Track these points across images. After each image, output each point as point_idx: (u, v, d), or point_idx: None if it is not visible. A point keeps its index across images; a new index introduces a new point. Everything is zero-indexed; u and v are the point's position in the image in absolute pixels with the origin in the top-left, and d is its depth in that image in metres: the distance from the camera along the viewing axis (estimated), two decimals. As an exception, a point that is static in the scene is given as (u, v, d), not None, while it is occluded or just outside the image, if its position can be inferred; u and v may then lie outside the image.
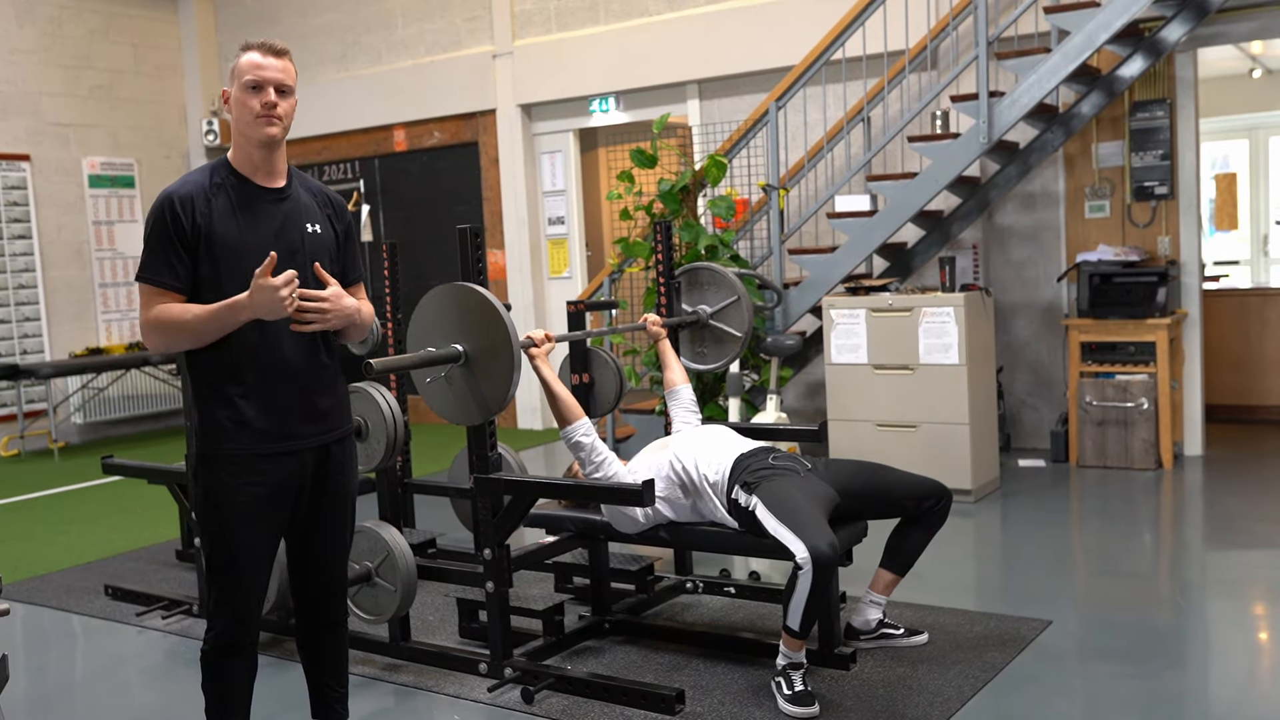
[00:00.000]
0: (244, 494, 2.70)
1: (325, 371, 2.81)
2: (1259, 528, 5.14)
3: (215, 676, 2.81)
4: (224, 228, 2.66)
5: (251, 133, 2.69)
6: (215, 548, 2.74)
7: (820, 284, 6.36)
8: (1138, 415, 6.24)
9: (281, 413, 2.71)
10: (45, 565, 5.57)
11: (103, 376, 9.51)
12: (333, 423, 2.83)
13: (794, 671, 3.37)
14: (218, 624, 2.77)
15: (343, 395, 2.90)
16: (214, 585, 2.77)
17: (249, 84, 2.67)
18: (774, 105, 6.57)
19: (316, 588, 2.94)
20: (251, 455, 2.69)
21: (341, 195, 3.46)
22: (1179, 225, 6.61)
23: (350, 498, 2.93)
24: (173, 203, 2.64)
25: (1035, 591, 4.41)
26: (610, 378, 4.39)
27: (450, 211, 9.33)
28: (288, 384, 2.72)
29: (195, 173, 2.74)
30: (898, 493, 3.68)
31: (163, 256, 2.63)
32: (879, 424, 5.94)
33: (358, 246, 2.96)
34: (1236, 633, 4.00)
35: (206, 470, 2.73)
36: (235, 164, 2.74)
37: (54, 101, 9.51)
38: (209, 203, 2.66)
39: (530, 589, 4.52)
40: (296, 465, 2.75)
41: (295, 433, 2.74)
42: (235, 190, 2.70)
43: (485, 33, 9.01)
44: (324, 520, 2.87)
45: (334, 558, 2.94)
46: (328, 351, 2.83)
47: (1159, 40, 6.27)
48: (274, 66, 2.69)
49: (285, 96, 2.72)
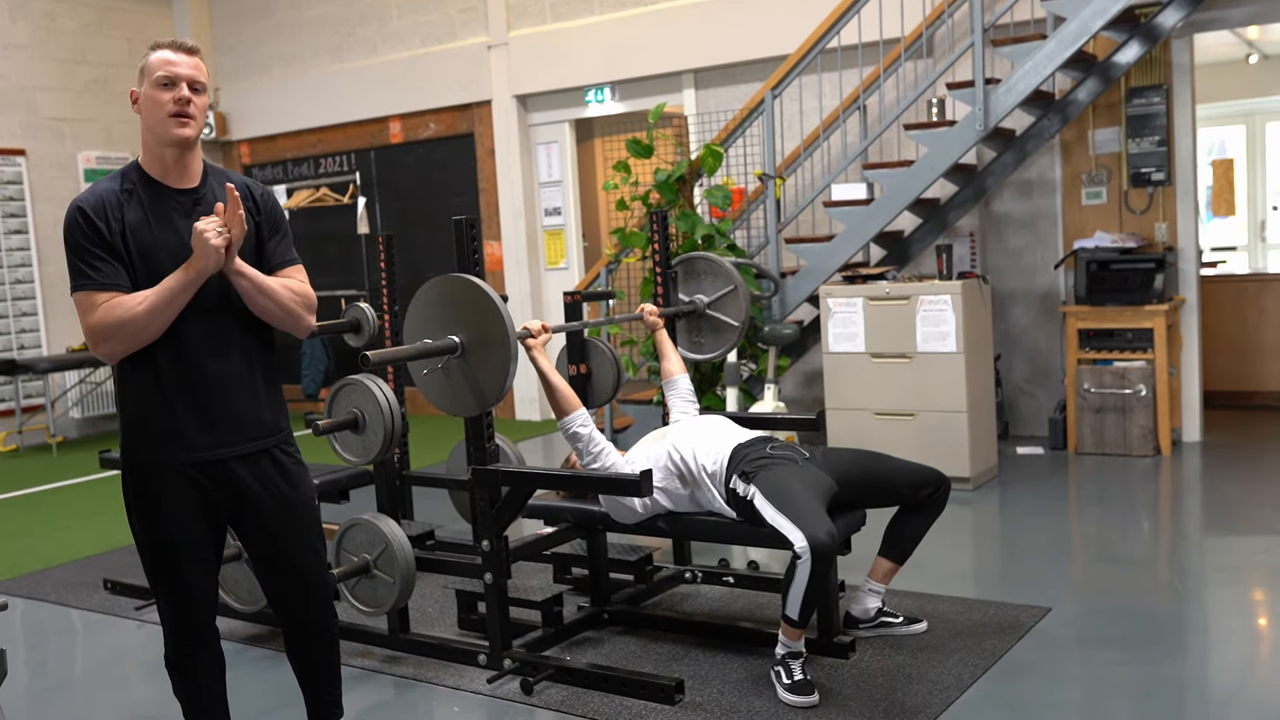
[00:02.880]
0: (173, 500, 2.64)
1: (252, 379, 2.72)
2: (1257, 513, 5.15)
3: (184, 680, 2.79)
4: (138, 233, 2.59)
5: (163, 132, 2.60)
6: (154, 556, 2.69)
7: (817, 273, 6.35)
8: (1136, 402, 6.24)
9: (209, 423, 2.64)
10: (44, 560, 5.57)
11: (100, 371, 9.50)
12: (266, 429, 2.74)
13: (793, 660, 3.37)
14: (168, 629, 2.75)
15: (272, 402, 2.79)
16: (159, 593, 2.73)
17: (160, 80, 2.59)
18: (770, 94, 6.56)
19: (290, 597, 2.86)
20: (179, 464, 2.63)
21: (337, 188, 3.43)
22: (1176, 211, 6.61)
23: (304, 504, 2.82)
24: (84, 211, 2.56)
25: (1034, 579, 4.41)
26: (607, 368, 4.38)
27: (446, 203, 9.31)
28: (216, 393, 2.65)
29: (104, 180, 2.65)
30: (896, 481, 3.68)
31: (87, 262, 2.55)
32: (877, 412, 5.94)
33: (285, 233, 2.84)
34: (1235, 619, 4.00)
35: (135, 480, 2.68)
36: (146, 167, 2.66)
37: (49, 96, 9.49)
38: (121, 209, 2.59)
39: (529, 580, 4.52)
40: (228, 474, 2.68)
41: (225, 441, 2.66)
42: (146, 194, 2.62)
43: (480, 24, 8.99)
44: (281, 529, 2.78)
45: (306, 564, 2.83)
46: (256, 359, 2.74)
47: (1155, 26, 6.25)
48: (186, 63, 2.61)
49: (198, 94, 2.63)
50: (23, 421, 9.09)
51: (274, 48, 10.01)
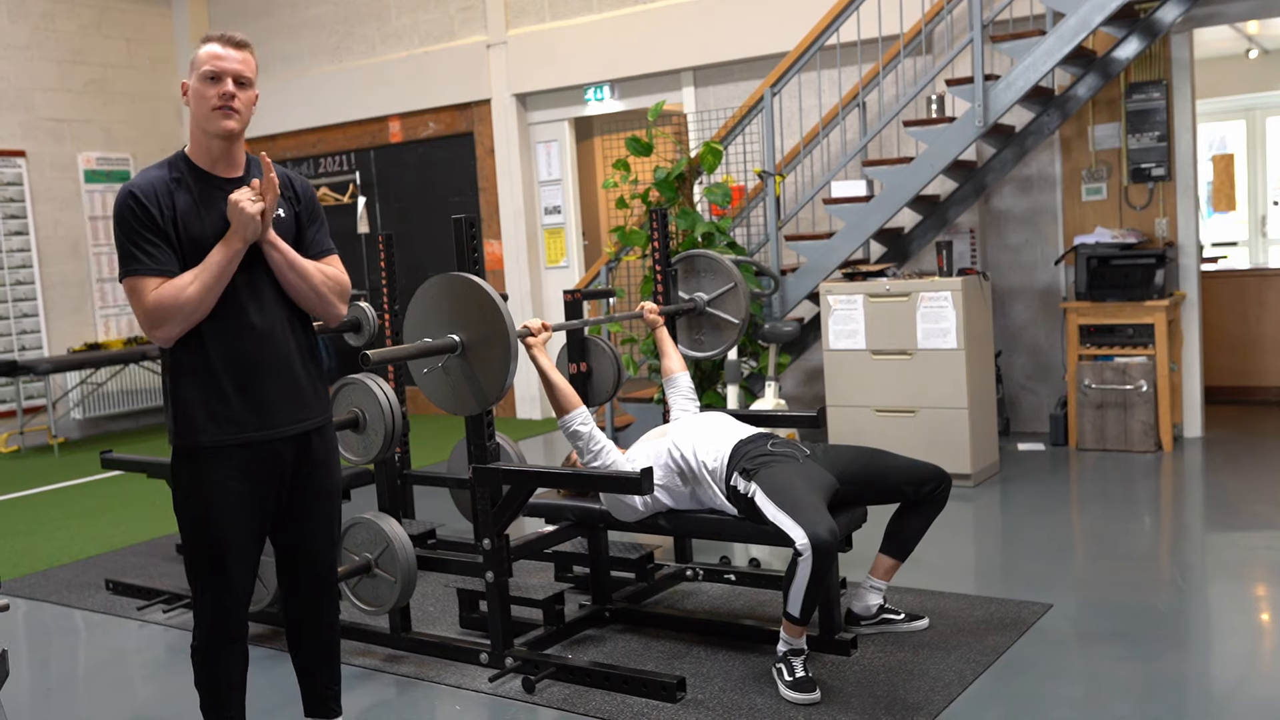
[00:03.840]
0: (224, 487, 2.67)
1: (301, 359, 2.78)
2: (1259, 509, 5.14)
3: (207, 672, 2.80)
4: (188, 220, 2.63)
5: (209, 125, 2.66)
6: (198, 544, 2.72)
7: (817, 270, 6.35)
8: (1137, 398, 6.24)
9: (257, 403, 2.69)
10: (46, 560, 5.57)
11: (101, 372, 9.51)
12: (311, 411, 2.80)
13: (795, 658, 3.37)
14: (205, 621, 2.76)
15: (320, 383, 2.86)
16: (198, 582, 2.75)
17: (207, 74, 2.64)
18: (769, 91, 6.56)
19: (305, 584, 2.91)
20: (228, 447, 2.67)
21: (337, 188, 3.44)
22: (1176, 207, 6.60)
23: (334, 489, 2.90)
24: (136, 195, 2.61)
25: (1035, 575, 4.41)
26: (608, 366, 4.38)
27: (446, 202, 9.31)
28: (262, 373, 2.69)
29: (153, 167, 2.71)
30: (897, 478, 3.68)
31: (139, 246, 2.60)
32: (877, 409, 5.94)
33: (322, 222, 2.92)
34: (1237, 614, 4.00)
35: (184, 465, 2.71)
36: (193, 157, 2.71)
37: (48, 97, 9.49)
38: (171, 195, 2.63)
39: (530, 578, 4.53)
40: (274, 455, 2.73)
41: (272, 422, 2.71)
42: (195, 183, 2.67)
43: (479, 23, 8.98)
44: (308, 514, 2.83)
45: (322, 552, 2.90)
46: (301, 342, 2.79)
47: (1154, 21, 6.25)
48: (234, 58, 2.65)
49: (244, 89, 2.67)
50: (24, 422, 9.09)
51: (273, 47, 10.01)
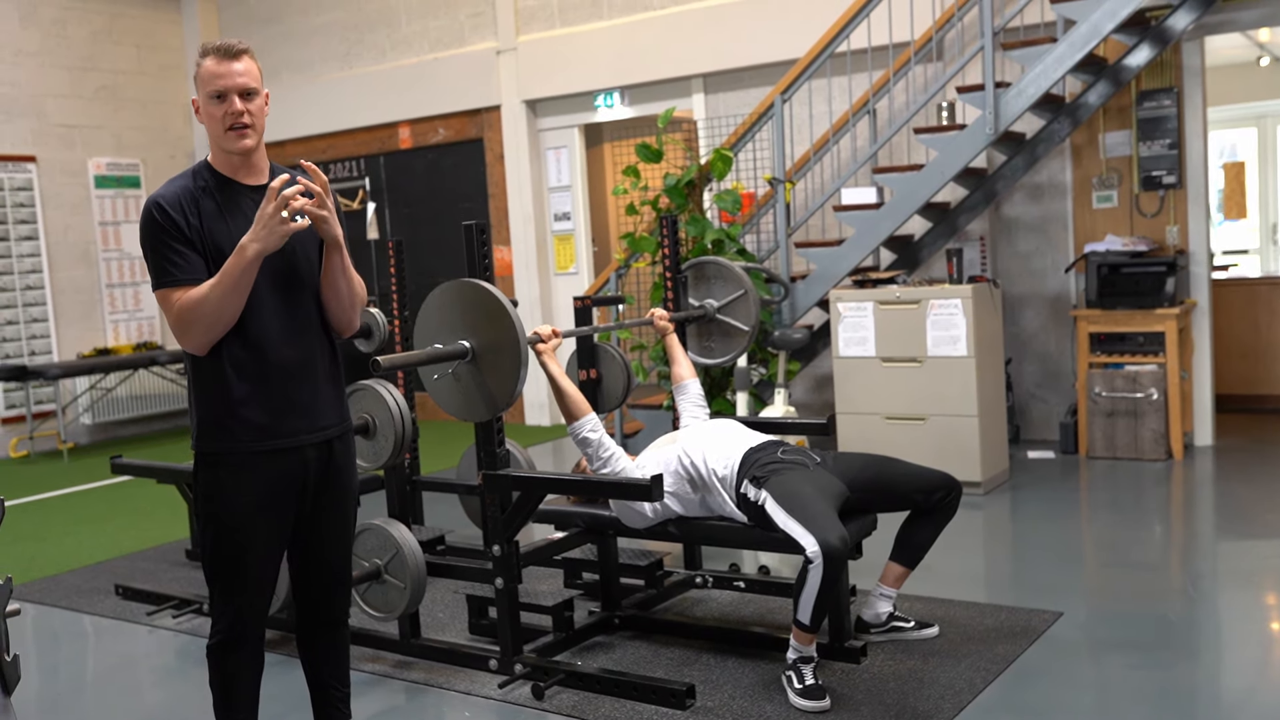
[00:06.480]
0: (247, 492, 2.68)
1: (323, 366, 2.79)
2: (1270, 517, 5.12)
3: (221, 671, 2.80)
4: (214, 230, 2.63)
5: (226, 145, 2.66)
6: (218, 547, 2.73)
7: (827, 277, 6.35)
8: (1147, 406, 6.22)
9: (280, 409, 2.69)
10: (55, 566, 5.58)
11: (111, 377, 9.53)
12: (333, 418, 2.81)
13: (805, 665, 3.36)
14: (223, 621, 2.77)
15: (338, 393, 2.87)
16: (217, 583, 2.76)
17: (211, 94, 2.63)
18: (779, 98, 6.56)
19: (318, 586, 2.92)
20: (251, 453, 2.68)
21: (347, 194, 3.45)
22: (1187, 214, 6.58)
23: (352, 495, 2.91)
24: (162, 206, 2.61)
25: (1046, 583, 4.40)
26: (617, 373, 4.38)
27: (456, 208, 9.32)
28: (286, 380, 2.70)
29: (177, 178, 2.70)
30: (907, 485, 3.67)
31: (167, 257, 2.60)
32: (887, 417, 5.93)
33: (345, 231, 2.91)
34: (1248, 623, 3.98)
35: (207, 470, 2.72)
36: (216, 165, 2.71)
37: (59, 103, 9.53)
38: (197, 204, 2.63)
39: (539, 585, 4.52)
40: (298, 462, 2.73)
41: (295, 428, 2.72)
42: (220, 192, 2.67)
43: (489, 29, 9.00)
44: (326, 518, 2.84)
45: (336, 556, 2.91)
46: (324, 348, 2.81)
47: (1166, 28, 6.23)
48: (234, 71, 2.62)
49: (251, 99, 2.65)
50: (34, 428, 9.12)
51: (283, 54, 10.03)
